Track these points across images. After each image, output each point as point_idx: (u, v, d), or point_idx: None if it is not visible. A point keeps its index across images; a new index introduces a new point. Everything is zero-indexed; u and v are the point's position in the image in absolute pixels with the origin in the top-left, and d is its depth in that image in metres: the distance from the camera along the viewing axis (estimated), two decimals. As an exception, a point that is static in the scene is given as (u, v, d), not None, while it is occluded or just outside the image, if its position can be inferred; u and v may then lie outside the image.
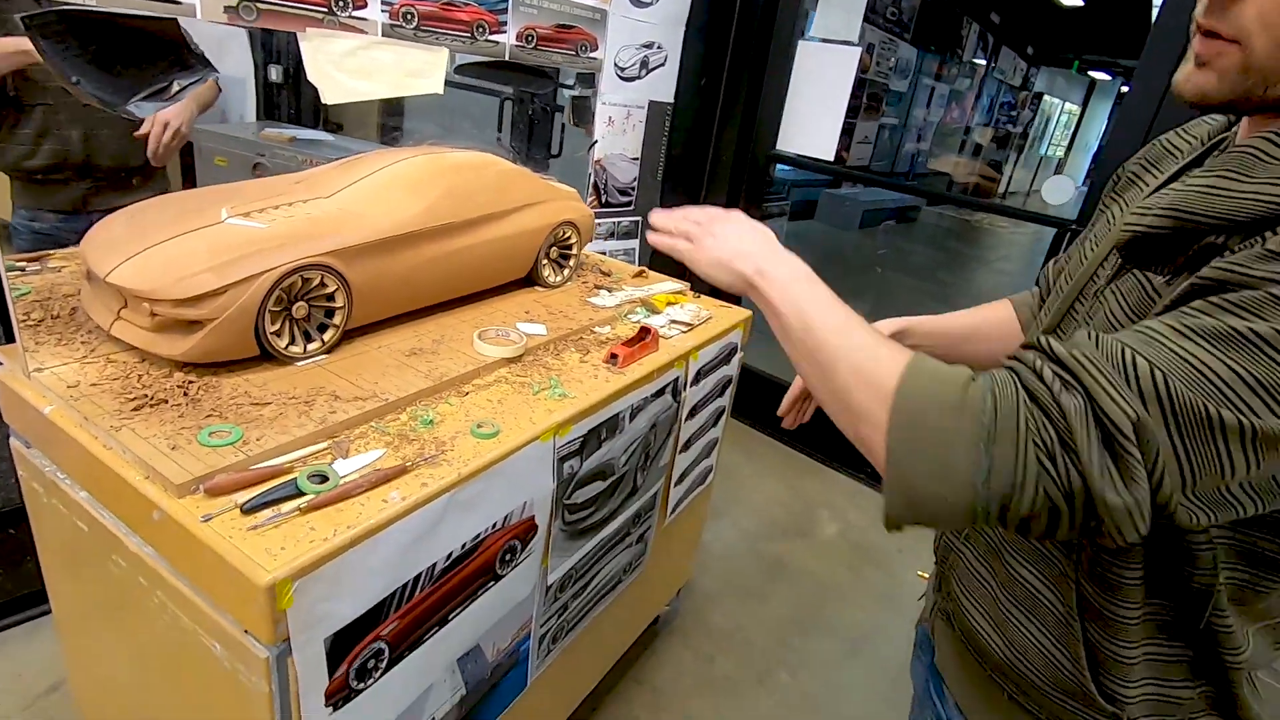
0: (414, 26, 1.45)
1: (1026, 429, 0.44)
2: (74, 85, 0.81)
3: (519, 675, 1.12)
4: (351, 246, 0.97)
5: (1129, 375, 0.43)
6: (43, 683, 1.47)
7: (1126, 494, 0.42)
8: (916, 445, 0.47)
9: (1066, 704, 0.62)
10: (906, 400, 0.48)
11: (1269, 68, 0.47)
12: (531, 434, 0.92)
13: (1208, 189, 0.48)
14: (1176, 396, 0.42)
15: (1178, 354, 0.43)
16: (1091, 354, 0.44)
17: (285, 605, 0.64)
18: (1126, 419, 0.42)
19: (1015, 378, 0.46)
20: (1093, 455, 0.42)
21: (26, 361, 0.83)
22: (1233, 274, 0.43)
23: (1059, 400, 0.44)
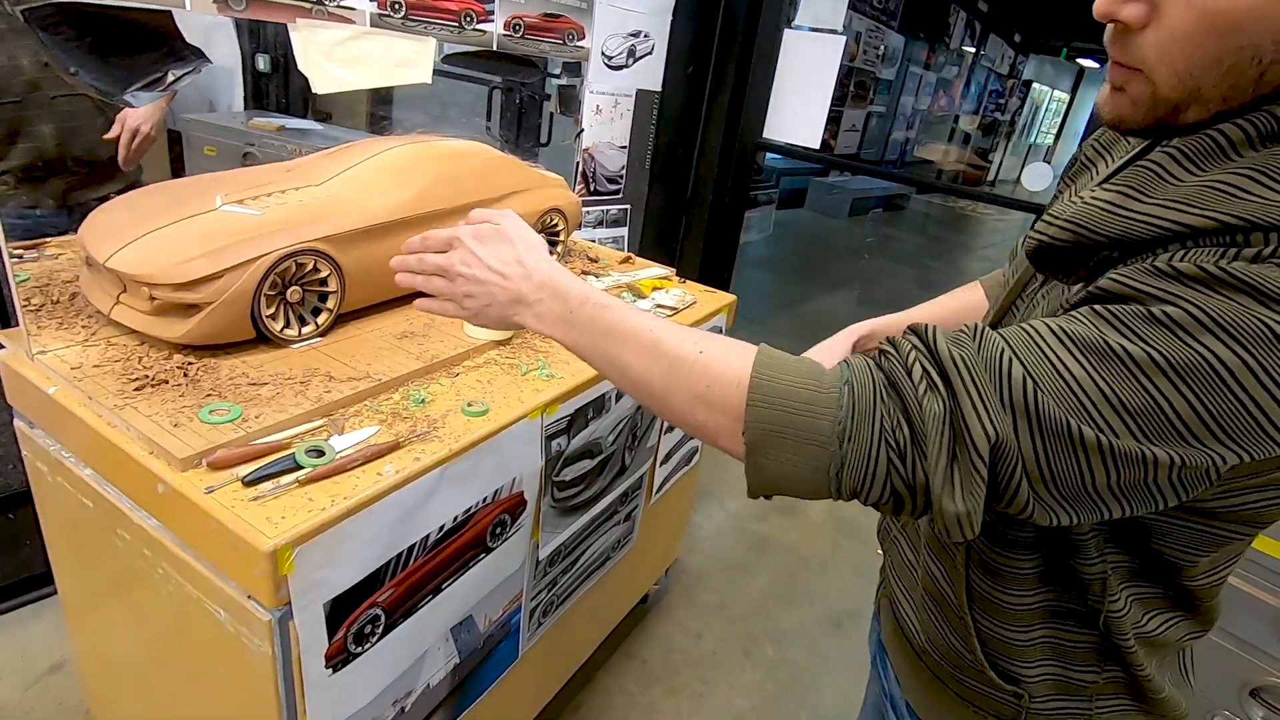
0: (402, 16, 1.47)
1: (881, 427, 0.45)
2: (72, 76, 0.83)
3: (511, 646, 1.16)
4: (343, 232, 1.00)
5: (1002, 384, 0.43)
6: (46, 662, 1.50)
7: (960, 503, 0.44)
8: (772, 440, 0.47)
9: (973, 684, 0.65)
10: (761, 399, 0.48)
11: (1176, 98, 0.46)
12: (520, 412, 0.95)
13: (1107, 205, 0.47)
14: (1043, 410, 0.42)
15: (1053, 363, 0.43)
16: (971, 359, 0.44)
17: (286, 570, 0.68)
18: (985, 438, 0.43)
19: (877, 367, 0.47)
20: (940, 462, 0.43)
21: (30, 344, 0.86)
22: (1120, 285, 0.43)
23: (921, 400, 0.44)
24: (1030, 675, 0.62)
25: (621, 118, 2.33)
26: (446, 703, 1.03)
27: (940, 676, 0.69)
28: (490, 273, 0.63)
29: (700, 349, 0.52)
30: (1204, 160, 0.45)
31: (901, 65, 7.06)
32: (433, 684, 0.97)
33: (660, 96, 2.42)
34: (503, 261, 0.63)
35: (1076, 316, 0.44)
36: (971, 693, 0.66)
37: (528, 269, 0.62)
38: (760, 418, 0.48)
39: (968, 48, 8.63)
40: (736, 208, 2.92)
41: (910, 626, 0.71)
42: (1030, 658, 0.61)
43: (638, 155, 2.47)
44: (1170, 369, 0.40)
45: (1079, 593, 0.58)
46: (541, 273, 0.61)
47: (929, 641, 0.68)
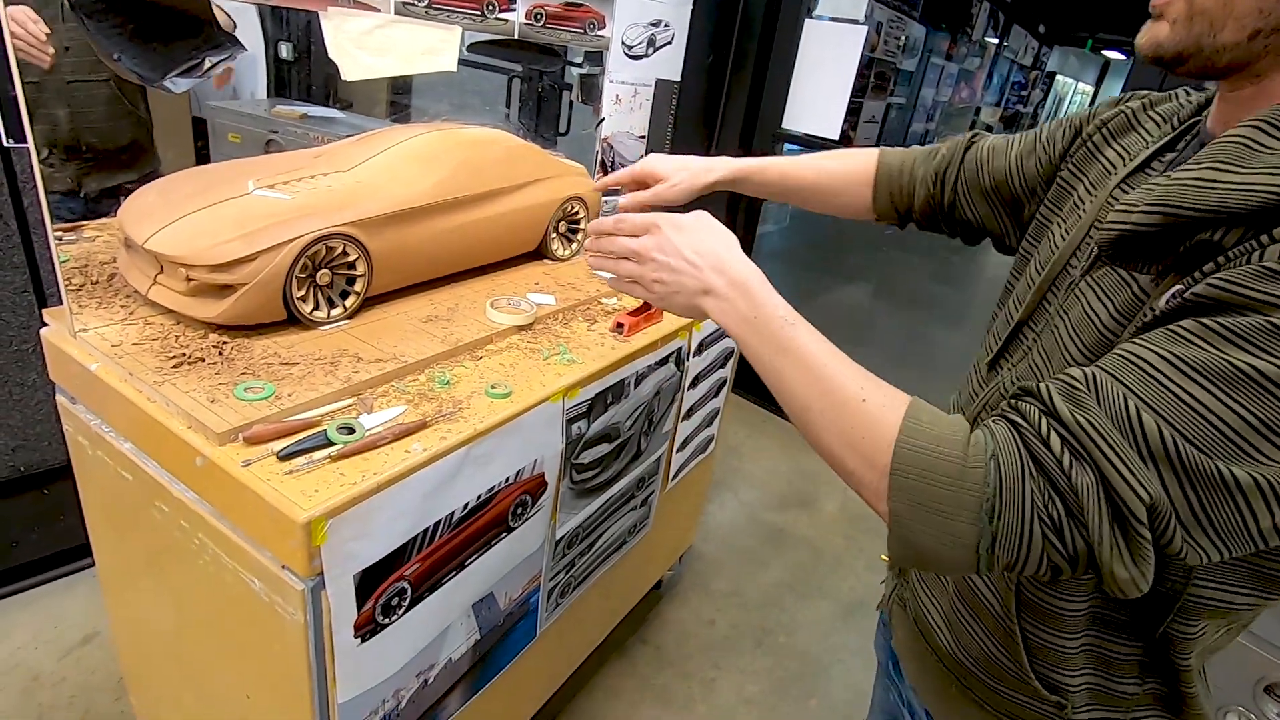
0: (426, 4, 1.49)
1: (1033, 504, 0.44)
2: (114, 61, 0.86)
3: (529, 625, 1.18)
4: (371, 217, 1.02)
5: (1138, 440, 0.42)
6: (79, 633, 1.55)
7: (1133, 569, 0.43)
8: (918, 514, 0.47)
9: (1010, 695, 0.64)
10: (905, 472, 0.47)
11: (1213, 11, 0.46)
12: (542, 395, 0.97)
13: (1199, 181, 0.45)
14: (1189, 460, 0.40)
15: (1182, 400, 0.41)
16: (1099, 422, 0.43)
17: (320, 541, 0.71)
18: (1140, 502, 0.41)
19: (1018, 439, 0.45)
20: (1103, 532, 0.42)
21: (72, 322, 0.89)
22: (1230, 294, 0.41)
23: (1069, 474, 0.43)
24: (1073, 684, 0.60)
25: (641, 107, 2.34)
26: (467, 677, 1.06)
27: (971, 688, 0.67)
28: (684, 261, 0.64)
29: (864, 395, 0.51)
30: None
31: (923, 56, 6.98)
32: (454, 658, 1.00)
33: (679, 86, 2.43)
34: (699, 252, 0.63)
35: (1186, 336, 0.42)
36: (1007, 704, 0.64)
37: (722, 262, 0.62)
38: (904, 488, 0.47)
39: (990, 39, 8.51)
40: (754, 199, 2.92)
41: (939, 635, 0.69)
42: (1074, 665, 0.60)
43: (656, 145, 2.48)
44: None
45: (1141, 605, 0.56)
46: (737, 270, 0.62)
47: (964, 651, 0.66)
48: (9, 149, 1.29)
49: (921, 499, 0.46)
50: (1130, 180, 0.53)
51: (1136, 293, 0.52)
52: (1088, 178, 0.66)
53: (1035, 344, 0.62)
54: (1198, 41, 0.48)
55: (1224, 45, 0.47)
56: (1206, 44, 0.48)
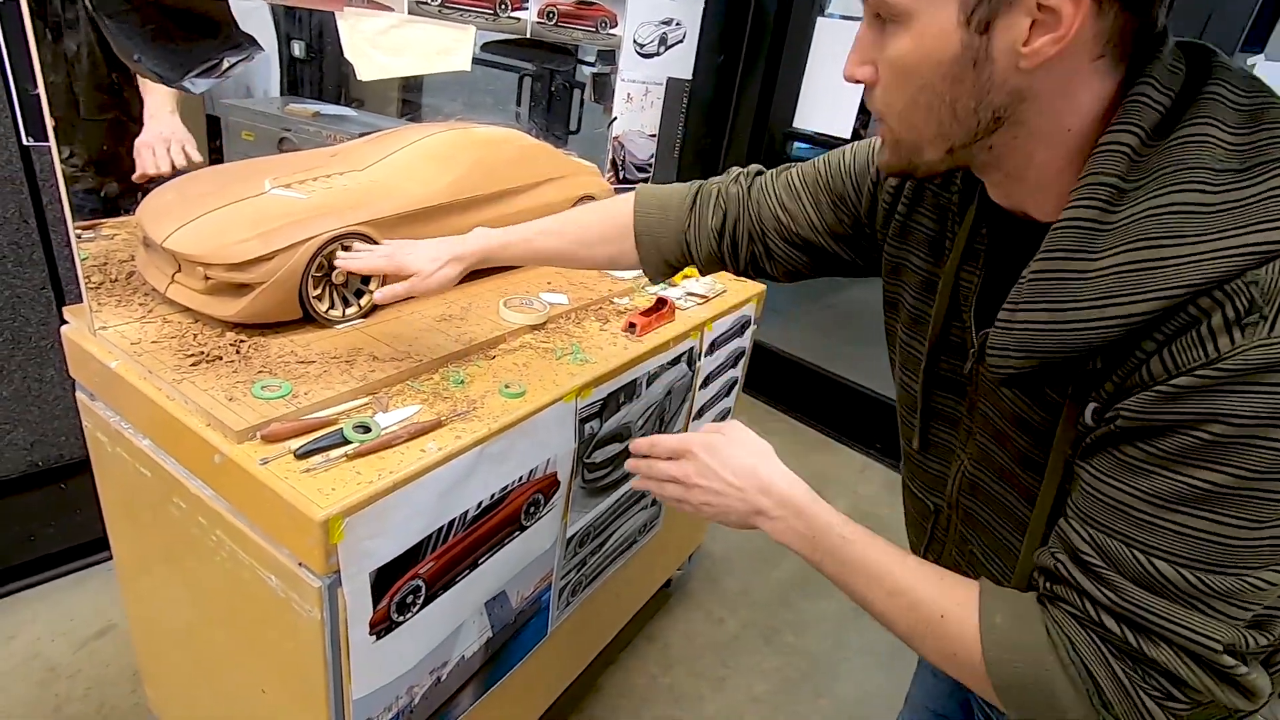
0: (439, 4, 1.49)
1: (1131, 685, 0.47)
2: (135, 63, 0.87)
3: (540, 624, 1.19)
4: (385, 217, 1.03)
5: (1174, 592, 0.45)
6: (94, 626, 1.57)
7: (1254, 698, 0.46)
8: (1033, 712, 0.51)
9: None
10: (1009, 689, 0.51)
11: (908, 138, 0.51)
12: (555, 395, 0.98)
13: (1046, 326, 0.47)
14: (1221, 588, 0.44)
15: (1181, 534, 0.44)
16: (1133, 594, 0.46)
17: (337, 539, 0.71)
18: (1218, 652, 0.45)
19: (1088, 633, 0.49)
20: (1209, 687, 0.46)
21: (93, 320, 0.90)
22: (1147, 420, 0.44)
23: (1146, 653, 0.46)
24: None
25: (651, 106, 2.34)
26: (479, 675, 1.06)
27: None
28: (727, 485, 0.66)
29: (942, 611, 0.54)
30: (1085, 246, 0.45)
31: (934, 54, 6.92)
32: (467, 656, 1.01)
33: (690, 85, 2.42)
34: (737, 473, 0.65)
35: (1140, 466, 0.45)
36: None
37: (763, 482, 0.64)
38: (1011, 701, 0.51)
39: (1003, 36, 8.43)
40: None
41: None
42: None
43: (667, 143, 2.47)
44: (1269, 473, 0.41)
45: None
46: (779, 489, 0.64)
47: None
48: (29, 148, 1.31)
49: (1030, 705, 0.50)
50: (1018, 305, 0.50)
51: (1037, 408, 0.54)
52: (913, 247, 0.66)
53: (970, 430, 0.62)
54: (910, 161, 0.53)
55: (933, 161, 0.52)
56: (919, 162, 0.53)
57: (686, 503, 0.69)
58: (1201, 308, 0.42)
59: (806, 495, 0.64)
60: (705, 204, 0.81)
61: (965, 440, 0.64)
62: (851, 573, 0.59)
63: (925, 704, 0.93)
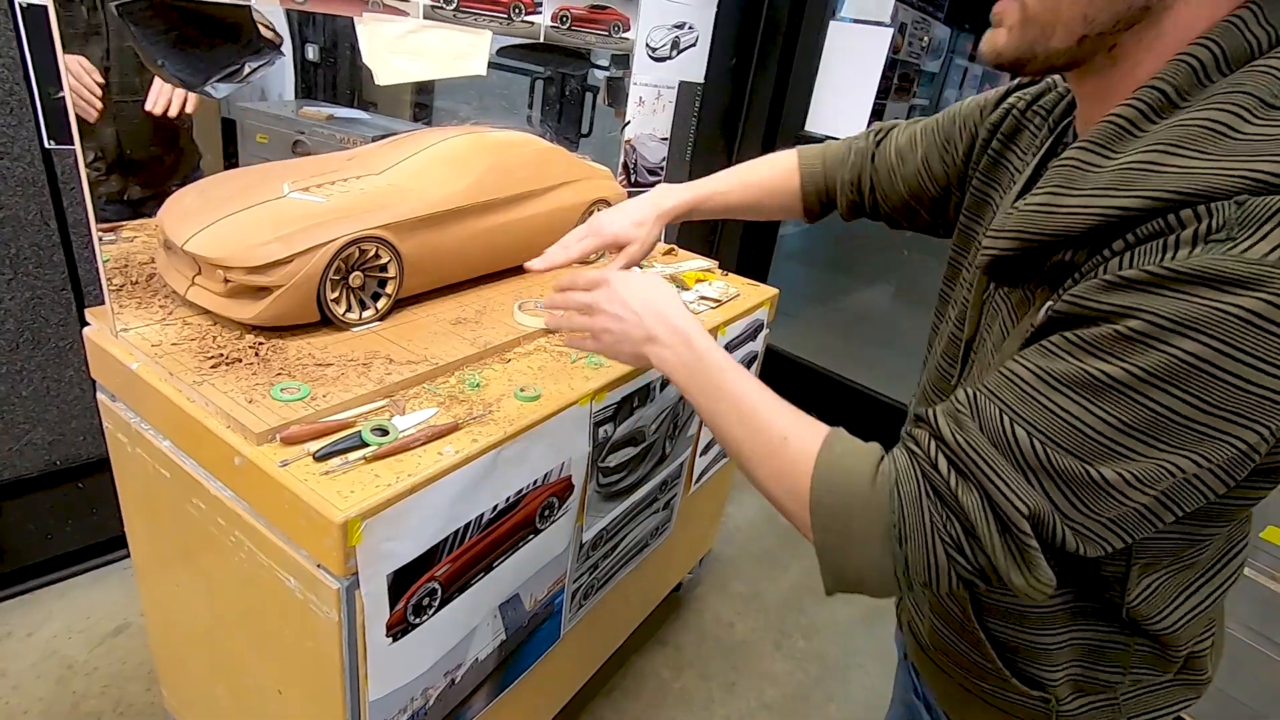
0: (454, 8, 1.50)
1: (932, 526, 0.48)
2: (158, 68, 0.88)
3: (553, 627, 1.19)
4: (403, 220, 1.03)
5: (1014, 454, 0.45)
6: (111, 624, 1.58)
7: (1029, 576, 0.46)
8: (838, 544, 0.51)
9: (999, 693, 0.65)
10: (821, 505, 0.52)
11: (1043, 17, 0.49)
12: (570, 399, 0.98)
13: (1041, 208, 0.48)
14: (1060, 466, 0.44)
15: (1051, 410, 0.44)
16: (978, 441, 0.47)
17: (355, 541, 0.72)
18: (1021, 515, 0.45)
19: (915, 465, 0.49)
20: (994, 545, 0.46)
21: (114, 322, 0.91)
22: (1081, 307, 0.44)
23: (957, 494, 0.47)
24: (1054, 679, 0.62)
25: (664, 109, 2.34)
26: (492, 677, 1.06)
27: (968, 686, 0.69)
28: (630, 311, 0.70)
29: (786, 435, 0.56)
30: (1112, 144, 0.46)
31: (946, 57, 6.91)
32: (481, 658, 1.01)
33: (703, 88, 2.42)
34: (644, 302, 0.70)
35: (1053, 350, 0.45)
36: (1000, 700, 0.66)
37: (661, 312, 0.68)
38: (823, 521, 0.52)
39: (1015, 39, 8.38)
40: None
41: (922, 640, 0.73)
42: (1056, 660, 0.62)
43: (679, 147, 2.48)
44: (1157, 379, 0.41)
45: (1098, 590, 0.58)
46: (678, 320, 0.68)
47: (945, 655, 0.69)
48: (51, 151, 1.32)
49: (840, 528, 0.51)
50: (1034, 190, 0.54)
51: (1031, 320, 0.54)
52: (999, 185, 0.67)
53: (976, 360, 0.64)
54: (1032, 47, 0.51)
55: (1056, 50, 0.50)
56: (1040, 50, 0.50)
57: (589, 331, 0.73)
58: (1181, 219, 0.41)
59: (698, 330, 0.67)
60: (845, 159, 0.88)
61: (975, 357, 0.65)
62: (719, 399, 0.61)
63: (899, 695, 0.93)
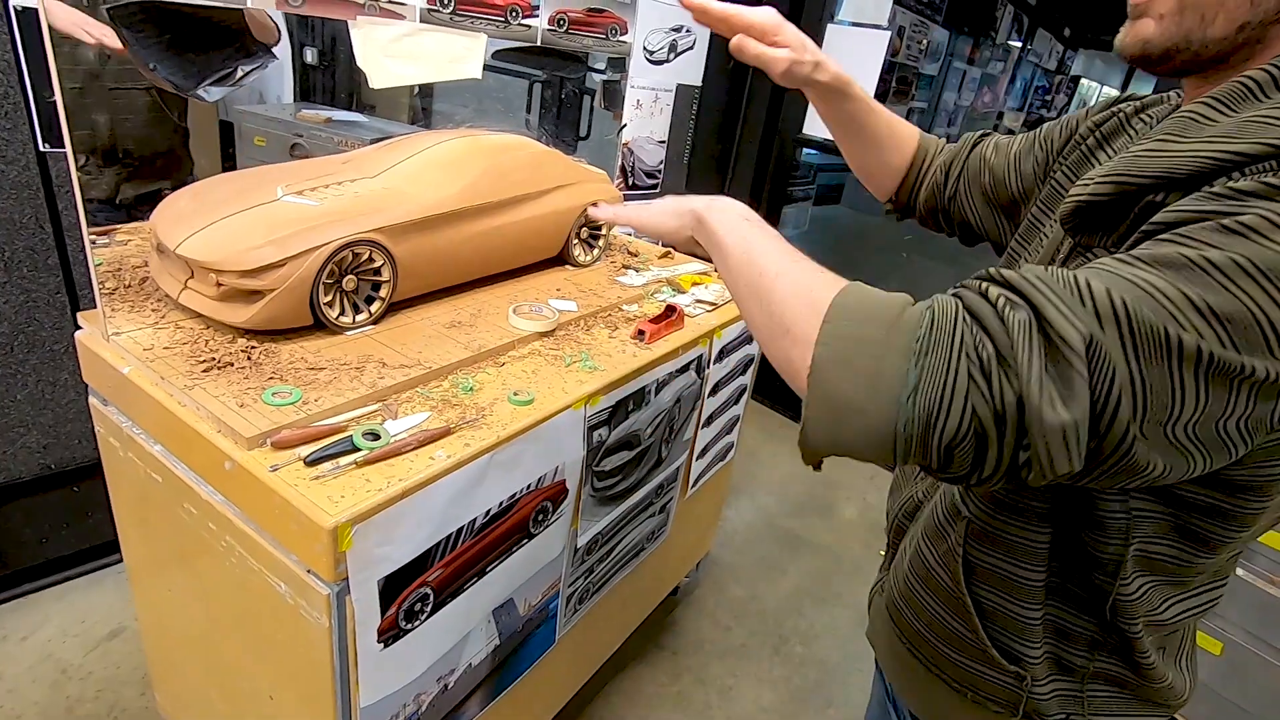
0: (450, 11, 1.50)
1: (961, 342, 0.41)
2: (151, 71, 0.87)
3: (548, 632, 1.19)
4: (397, 224, 1.03)
5: (1083, 296, 0.40)
6: (105, 628, 1.58)
7: (1065, 411, 0.38)
8: (843, 355, 0.44)
9: (972, 668, 0.64)
10: (839, 311, 0.45)
11: (1205, 2, 0.47)
12: (564, 402, 0.97)
13: (1146, 152, 0.47)
14: (1135, 315, 0.39)
15: (1132, 280, 0.40)
16: (1043, 275, 0.42)
17: (345, 547, 0.71)
18: (1077, 334, 0.39)
19: (958, 299, 0.44)
20: (1032, 369, 0.39)
21: (106, 326, 0.91)
22: (1180, 212, 0.42)
23: (1003, 316, 0.41)
24: (1033, 655, 0.61)
25: (661, 112, 2.34)
26: (486, 683, 1.06)
27: (934, 663, 0.68)
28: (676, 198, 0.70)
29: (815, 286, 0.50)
30: (1236, 103, 0.46)
31: (945, 60, 6.91)
32: (474, 663, 1.00)
33: (700, 91, 2.43)
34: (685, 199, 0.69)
35: (1136, 253, 0.43)
36: (971, 677, 0.65)
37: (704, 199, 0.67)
38: (836, 331, 0.45)
39: (1014, 42, 8.41)
40: (774, 203, 2.91)
41: (904, 614, 0.71)
42: (1035, 636, 0.61)
43: (676, 150, 2.48)
44: (1257, 271, 0.38)
45: (1085, 572, 0.57)
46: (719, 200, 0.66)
47: (923, 625, 0.68)
48: (45, 154, 1.32)
49: (852, 338, 0.44)
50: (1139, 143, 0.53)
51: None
52: (1079, 178, 0.66)
53: None
54: (1187, 36, 0.49)
55: (1213, 39, 0.48)
56: (1196, 38, 0.48)
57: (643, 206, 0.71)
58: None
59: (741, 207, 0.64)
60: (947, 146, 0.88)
61: None
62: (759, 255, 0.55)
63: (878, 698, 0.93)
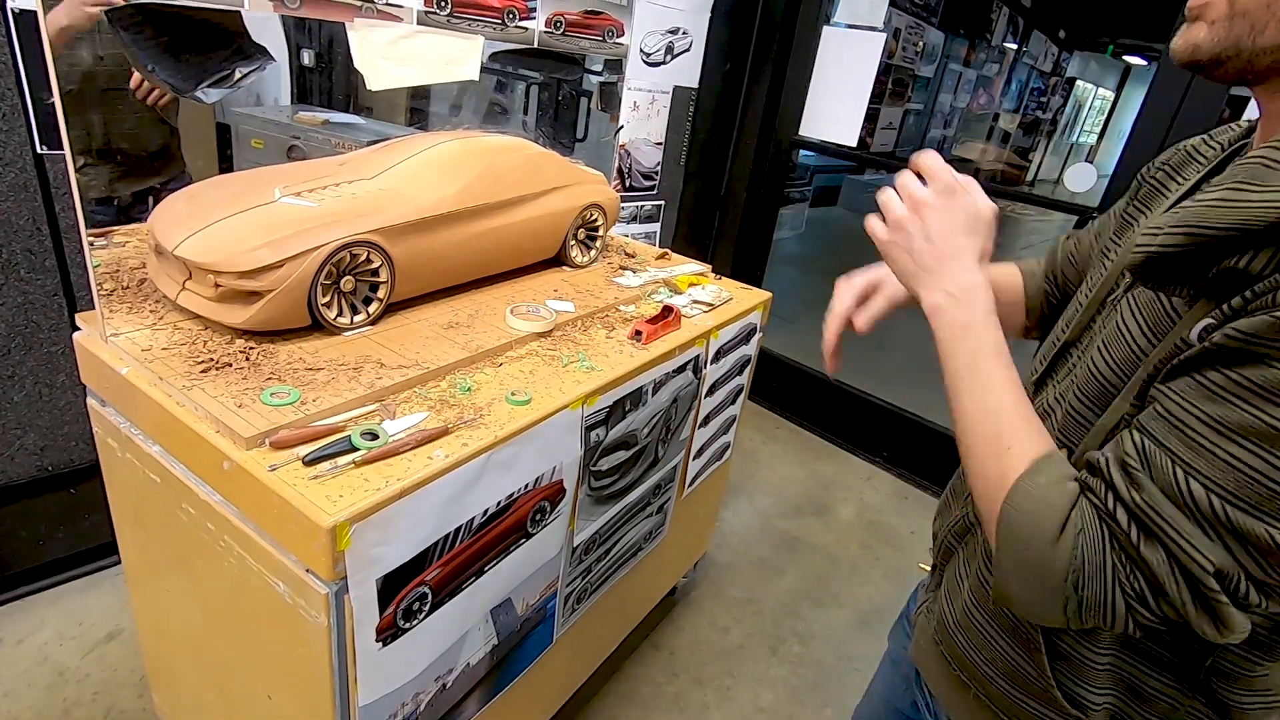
0: (447, 13, 1.51)
1: (1114, 578, 0.48)
2: (149, 73, 0.88)
3: (545, 631, 1.19)
4: (394, 225, 1.03)
5: (1192, 510, 0.45)
6: (102, 630, 1.57)
7: (1224, 629, 0.46)
8: (1018, 564, 0.51)
9: (1029, 705, 0.63)
10: (1011, 517, 0.52)
11: (1253, 10, 0.46)
12: (561, 403, 0.98)
13: (1218, 202, 0.46)
14: (1239, 524, 0.43)
15: (1226, 463, 0.43)
16: (1155, 498, 0.46)
17: (344, 546, 0.71)
18: (1207, 572, 0.44)
19: (1099, 521, 0.49)
20: (1184, 601, 0.46)
21: (104, 327, 0.91)
22: (1250, 346, 0.43)
23: (1141, 553, 0.47)
24: (1095, 702, 0.59)
25: (658, 114, 2.35)
26: (484, 682, 1.06)
27: (990, 698, 0.66)
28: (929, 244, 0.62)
29: (1012, 445, 0.55)
30: None
31: (940, 62, 6.94)
32: (472, 663, 1.01)
33: (697, 93, 2.43)
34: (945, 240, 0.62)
35: (1218, 392, 0.44)
36: (1025, 715, 0.63)
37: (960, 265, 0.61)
38: (1007, 547, 0.52)
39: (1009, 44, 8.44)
40: (770, 205, 2.92)
41: (959, 643, 0.69)
42: (1098, 682, 0.59)
43: (673, 152, 2.49)
44: None
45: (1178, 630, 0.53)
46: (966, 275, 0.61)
47: (987, 662, 0.66)
48: (43, 156, 1.32)
49: (1020, 557, 0.51)
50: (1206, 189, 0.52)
51: (1167, 309, 0.53)
52: (1150, 209, 0.65)
53: (1078, 363, 0.63)
54: (1237, 43, 0.48)
55: (1265, 48, 0.47)
56: (1246, 46, 0.48)
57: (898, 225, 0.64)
58: None
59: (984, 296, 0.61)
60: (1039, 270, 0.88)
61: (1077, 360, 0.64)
62: (970, 376, 0.58)
63: (884, 696, 0.93)
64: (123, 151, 1.65)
